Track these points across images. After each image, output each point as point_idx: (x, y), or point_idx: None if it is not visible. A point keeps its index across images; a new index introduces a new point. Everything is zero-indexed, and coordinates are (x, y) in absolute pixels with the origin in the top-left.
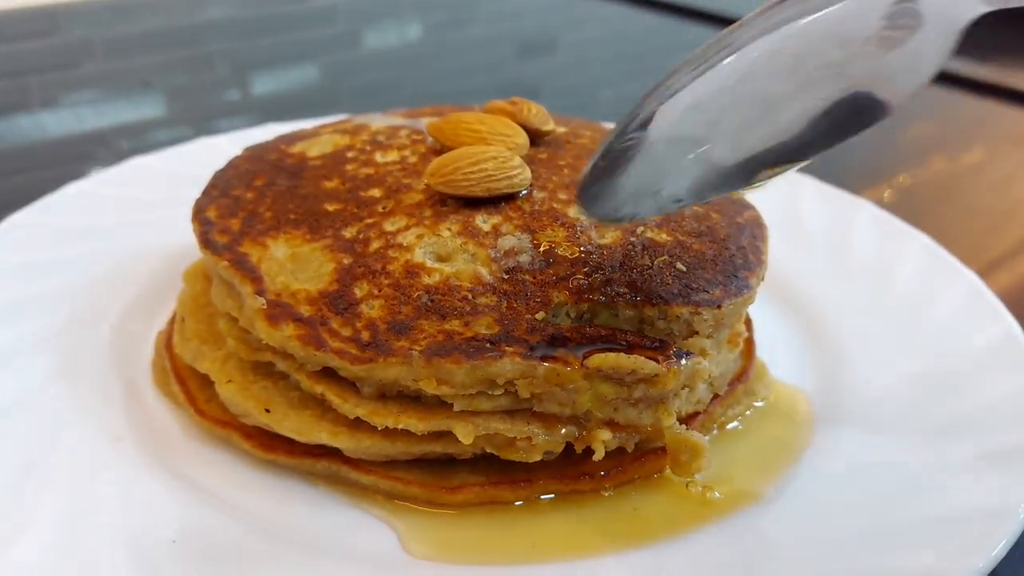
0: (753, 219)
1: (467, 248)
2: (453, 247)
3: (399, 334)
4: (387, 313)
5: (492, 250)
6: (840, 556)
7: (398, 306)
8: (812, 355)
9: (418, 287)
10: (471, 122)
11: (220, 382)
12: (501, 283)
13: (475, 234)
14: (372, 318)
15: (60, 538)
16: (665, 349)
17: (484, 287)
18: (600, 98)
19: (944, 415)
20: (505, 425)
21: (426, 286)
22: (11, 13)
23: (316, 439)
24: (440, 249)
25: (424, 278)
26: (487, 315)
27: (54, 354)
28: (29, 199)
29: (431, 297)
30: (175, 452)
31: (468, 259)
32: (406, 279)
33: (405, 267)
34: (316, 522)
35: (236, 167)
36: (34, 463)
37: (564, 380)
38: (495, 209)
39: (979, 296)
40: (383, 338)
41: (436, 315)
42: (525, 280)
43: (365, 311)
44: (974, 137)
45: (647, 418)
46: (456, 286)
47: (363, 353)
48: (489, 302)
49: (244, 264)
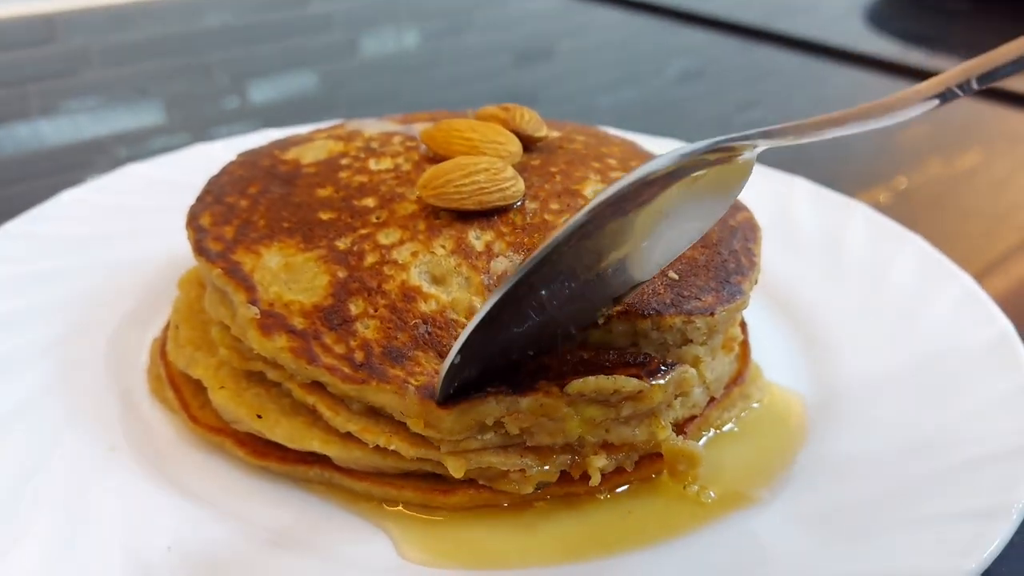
0: (746, 220)
1: (461, 271)
2: (447, 268)
3: (395, 361)
4: (383, 336)
5: (485, 275)
6: (834, 557)
7: (394, 331)
8: (806, 357)
9: (415, 314)
10: (463, 130)
11: (213, 388)
12: None
13: (468, 254)
14: (367, 339)
15: (56, 547)
16: (648, 364)
17: None
18: (598, 104)
19: (938, 417)
20: (498, 459)
21: (423, 314)
22: (9, 21)
23: (307, 446)
24: (435, 269)
25: (420, 304)
26: None
27: (49, 364)
28: (27, 207)
29: (428, 328)
30: (170, 460)
31: (463, 284)
32: (403, 302)
33: (401, 289)
34: (310, 528)
35: (230, 173)
36: (30, 473)
37: (549, 411)
38: (487, 223)
39: (973, 298)
40: (377, 362)
41: (433, 350)
42: None
43: (360, 330)
44: (970, 140)
45: (641, 433)
46: (453, 320)
47: (356, 373)
48: None
49: (237, 272)
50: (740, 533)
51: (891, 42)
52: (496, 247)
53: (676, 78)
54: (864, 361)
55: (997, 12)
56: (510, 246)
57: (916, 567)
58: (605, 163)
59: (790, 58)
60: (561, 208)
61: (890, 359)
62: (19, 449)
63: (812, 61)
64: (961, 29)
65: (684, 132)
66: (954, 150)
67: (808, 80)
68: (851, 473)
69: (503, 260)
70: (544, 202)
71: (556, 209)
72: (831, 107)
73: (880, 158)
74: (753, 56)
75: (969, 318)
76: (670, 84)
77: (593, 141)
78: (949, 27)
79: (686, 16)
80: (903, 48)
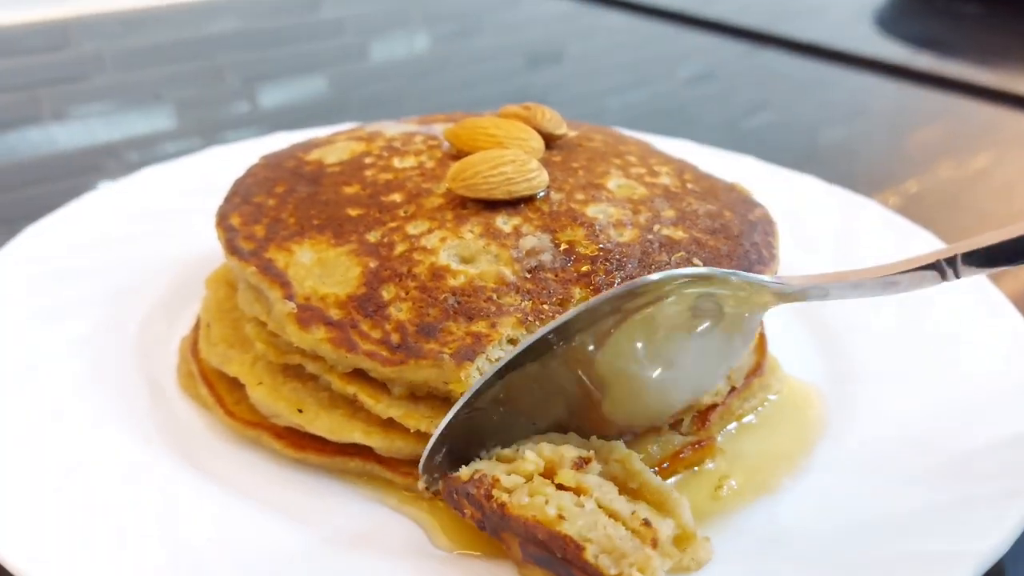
0: (763, 216)
1: (490, 249)
2: (476, 248)
3: (428, 336)
4: (415, 315)
5: (514, 250)
6: (855, 544)
7: (425, 308)
8: (818, 349)
9: (444, 289)
10: (487, 127)
11: (251, 384)
12: (524, 282)
13: (497, 235)
14: (401, 320)
15: (103, 541)
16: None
17: (508, 287)
18: (607, 107)
19: (956, 404)
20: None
21: (452, 288)
22: (22, 27)
23: (349, 438)
24: (464, 251)
25: (450, 280)
26: (512, 315)
27: (80, 361)
28: (41, 211)
29: (457, 299)
30: (205, 453)
31: (491, 260)
32: (432, 281)
33: (431, 269)
34: (349, 519)
35: (255, 175)
36: (71, 468)
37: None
38: (515, 211)
39: (985, 293)
40: (412, 340)
41: (463, 317)
42: (547, 278)
43: (393, 313)
44: (982, 143)
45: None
46: (481, 287)
47: (394, 355)
48: (513, 301)
49: (271, 269)
50: (761, 521)
51: (900, 46)
52: (524, 229)
53: (685, 81)
54: (877, 352)
55: (1008, 15)
56: (538, 228)
57: (937, 551)
58: (625, 160)
59: (798, 62)
60: (587, 199)
61: (903, 349)
62: (58, 445)
63: (820, 65)
64: (971, 33)
65: (694, 133)
66: (965, 153)
67: (816, 84)
68: (872, 461)
69: (531, 238)
70: (569, 193)
71: (581, 199)
72: (839, 111)
73: (891, 161)
74: (761, 60)
75: (982, 311)
76: (679, 87)
77: (610, 139)
78: (959, 31)
79: (694, 20)
80: (912, 52)
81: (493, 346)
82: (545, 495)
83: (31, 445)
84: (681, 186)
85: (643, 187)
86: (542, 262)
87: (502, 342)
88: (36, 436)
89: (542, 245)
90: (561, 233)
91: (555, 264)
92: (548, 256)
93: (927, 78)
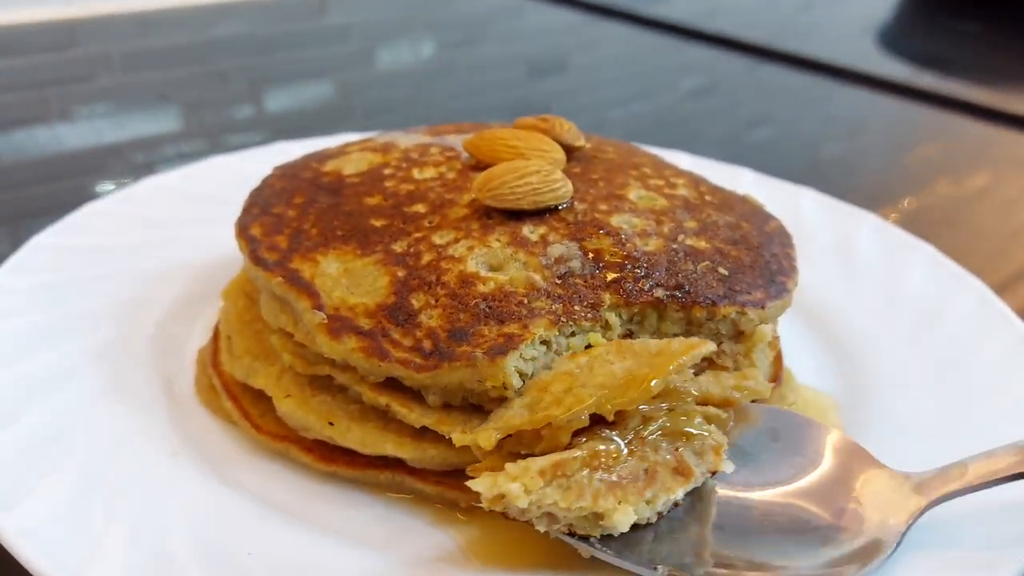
0: (778, 228)
1: (518, 257)
2: (504, 257)
3: (460, 340)
4: (446, 322)
5: (543, 258)
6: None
7: (456, 314)
8: (832, 362)
9: (474, 295)
10: (507, 138)
11: (278, 397)
12: (554, 287)
13: (524, 244)
14: (432, 327)
15: (136, 558)
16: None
17: (538, 292)
18: (610, 118)
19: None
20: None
21: (482, 294)
22: (30, 27)
23: (381, 450)
24: (492, 259)
25: (479, 286)
26: (544, 317)
27: (97, 373)
28: (46, 210)
29: (488, 304)
30: (231, 465)
31: (520, 267)
32: (462, 288)
33: (460, 277)
34: (382, 531)
35: (271, 186)
36: (97, 484)
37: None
38: (540, 220)
39: (989, 305)
40: (445, 345)
41: (495, 320)
42: (577, 284)
43: (424, 321)
44: (980, 161)
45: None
46: (511, 292)
47: (427, 361)
48: (544, 305)
49: (298, 280)
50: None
51: (901, 63)
52: (551, 238)
53: (686, 94)
54: (890, 365)
55: (1009, 33)
56: (565, 237)
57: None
58: (641, 171)
59: (800, 77)
60: (610, 209)
61: (913, 363)
62: (83, 460)
63: (822, 81)
64: (972, 51)
65: (695, 146)
66: (962, 172)
67: (818, 99)
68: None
69: (559, 247)
70: (592, 204)
71: (605, 209)
72: (840, 127)
73: (889, 178)
74: (763, 74)
75: (986, 324)
76: (681, 100)
77: (623, 151)
78: (960, 49)
79: (697, 34)
80: (913, 70)
81: (527, 344)
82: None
83: (57, 463)
84: (699, 197)
85: (663, 198)
86: (571, 268)
87: (535, 341)
88: (61, 453)
89: (570, 253)
90: (588, 241)
91: (584, 271)
92: (577, 263)
93: (927, 96)
